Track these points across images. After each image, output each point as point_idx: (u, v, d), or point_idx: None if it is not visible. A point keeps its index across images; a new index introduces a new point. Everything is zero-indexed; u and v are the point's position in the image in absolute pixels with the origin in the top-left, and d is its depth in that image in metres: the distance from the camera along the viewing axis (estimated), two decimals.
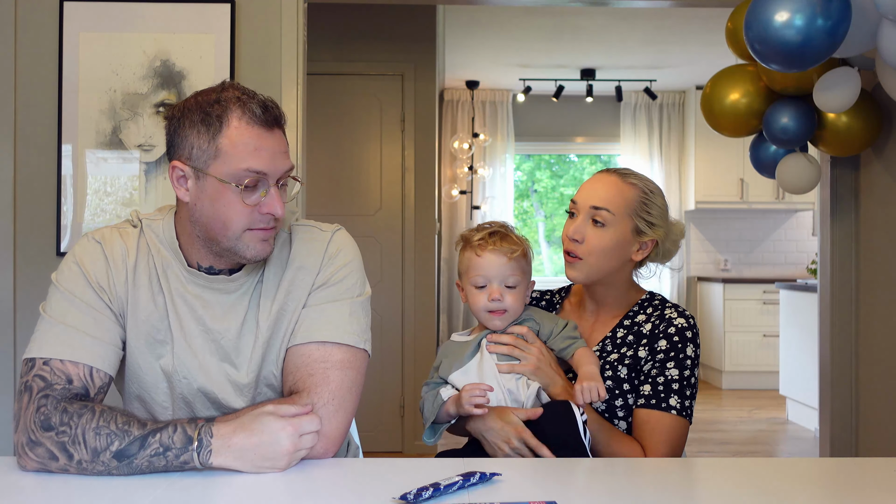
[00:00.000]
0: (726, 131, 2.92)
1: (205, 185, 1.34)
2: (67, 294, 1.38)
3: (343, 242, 1.51)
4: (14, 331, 2.66)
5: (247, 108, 1.33)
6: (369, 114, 4.58)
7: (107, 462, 1.24)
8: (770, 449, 4.87)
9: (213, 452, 1.24)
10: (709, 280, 6.96)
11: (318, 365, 1.40)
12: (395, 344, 4.57)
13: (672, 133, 7.21)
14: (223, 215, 1.34)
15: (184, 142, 1.35)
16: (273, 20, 2.71)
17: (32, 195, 2.68)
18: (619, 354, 1.63)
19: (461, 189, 6.97)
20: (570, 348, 1.58)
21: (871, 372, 2.88)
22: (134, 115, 2.66)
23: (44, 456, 1.25)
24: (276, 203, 1.35)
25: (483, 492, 1.18)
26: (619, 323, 1.68)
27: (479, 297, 1.58)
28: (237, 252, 1.37)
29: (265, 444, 1.25)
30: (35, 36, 2.67)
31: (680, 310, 1.65)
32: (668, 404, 1.56)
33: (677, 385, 1.57)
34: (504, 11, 5.02)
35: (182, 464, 1.25)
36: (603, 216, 1.62)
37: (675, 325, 1.60)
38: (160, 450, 1.24)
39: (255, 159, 1.33)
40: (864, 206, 2.93)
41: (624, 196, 1.63)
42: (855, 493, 1.25)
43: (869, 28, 2.14)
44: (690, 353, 1.59)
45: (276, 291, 1.45)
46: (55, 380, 1.31)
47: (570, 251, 1.65)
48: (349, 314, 1.44)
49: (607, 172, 1.68)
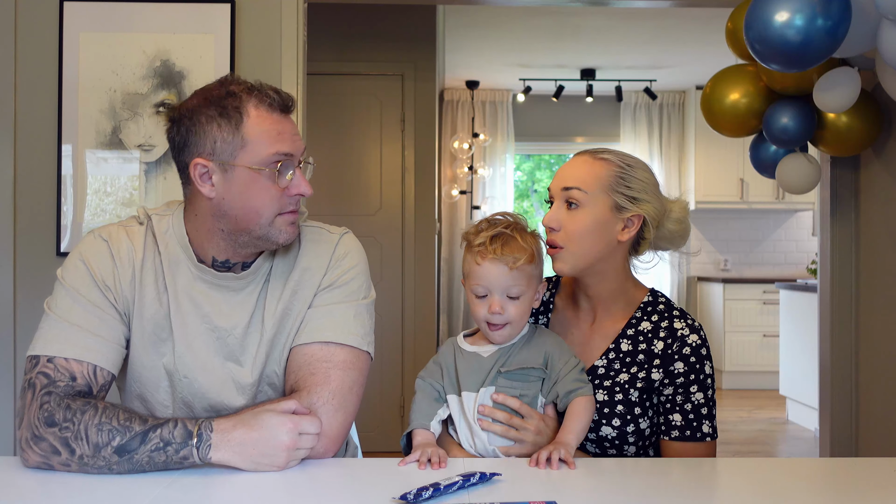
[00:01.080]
0: (726, 131, 2.92)
1: (233, 176, 1.36)
2: (73, 292, 1.38)
3: (351, 246, 1.52)
4: (14, 330, 2.66)
5: (263, 96, 1.36)
6: (369, 114, 4.58)
7: (108, 457, 1.24)
8: (770, 449, 4.87)
9: (212, 447, 1.25)
10: (709, 280, 6.96)
11: (321, 364, 1.40)
12: (395, 344, 4.57)
13: (672, 133, 7.21)
14: (256, 203, 1.36)
15: (203, 139, 1.36)
16: (273, 20, 2.70)
17: (32, 195, 2.68)
18: (629, 375, 1.53)
19: (461, 189, 6.97)
20: (573, 394, 1.43)
21: (871, 372, 2.88)
22: (134, 115, 2.66)
23: (47, 451, 1.26)
24: (303, 183, 1.39)
25: (483, 492, 1.18)
26: (622, 332, 1.57)
27: (479, 307, 1.45)
28: (269, 238, 1.39)
29: (264, 440, 1.25)
30: (35, 36, 2.67)
31: (689, 321, 1.55)
32: (702, 432, 1.50)
33: (705, 409, 1.50)
34: (504, 11, 5.02)
35: (182, 459, 1.25)
36: (574, 196, 1.52)
37: (689, 343, 1.51)
38: (160, 444, 1.24)
39: (281, 143, 1.36)
40: (864, 206, 2.93)
41: (595, 173, 1.53)
42: (855, 493, 1.25)
43: (869, 28, 2.14)
44: (708, 370, 1.52)
45: (282, 290, 1.45)
46: (59, 377, 1.32)
47: (549, 242, 1.54)
48: (354, 316, 1.45)
49: (580, 153, 1.59)
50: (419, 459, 1.33)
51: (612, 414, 1.50)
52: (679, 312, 1.57)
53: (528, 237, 1.46)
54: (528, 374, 1.45)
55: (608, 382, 1.53)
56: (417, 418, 1.46)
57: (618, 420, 1.50)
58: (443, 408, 1.48)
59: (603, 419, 1.50)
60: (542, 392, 1.46)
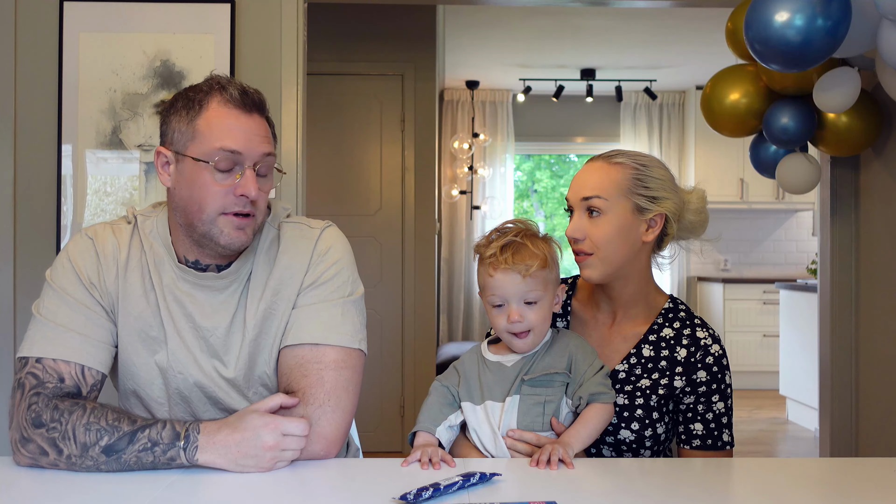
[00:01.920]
0: (726, 131, 2.92)
1: (183, 166, 1.36)
2: (59, 291, 1.39)
3: (332, 240, 1.49)
4: (14, 330, 2.66)
5: (226, 92, 1.36)
6: (369, 114, 4.58)
7: (95, 457, 1.25)
8: (770, 449, 4.87)
9: (199, 449, 1.25)
10: (709, 280, 6.96)
11: (312, 366, 1.39)
12: (395, 344, 4.57)
13: (672, 133, 7.21)
14: (199, 196, 1.35)
15: (168, 128, 1.38)
16: (273, 20, 2.70)
17: (32, 195, 2.68)
18: (651, 381, 1.53)
19: (461, 189, 6.97)
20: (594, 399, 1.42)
21: (871, 372, 2.88)
22: (134, 115, 2.66)
23: (35, 452, 1.27)
24: (250, 185, 1.34)
25: (483, 492, 1.18)
26: (644, 338, 1.57)
27: (499, 318, 1.44)
28: (212, 237, 1.36)
29: (247, 441, 1.25)
30: (35, 36, 2.67)
31: (710, 331, 1.56)
32: (723, 440, 1.52)
33: (726, 419, 1.53)
34: (504, 11, 5.02)
35: (169, 460, 1.25)
36: (596, 204, 1.51)
37: (712, 353, 1.53)
38: (148, 445, 1.25)
39: (230, 138, 1.34)
40: (864, 206, 2.93)
41: (612, 178, 1.52)
42: (855, 493, 1.25)
43: (869, 28, 2.14)
44: (728, 380, 1.55)
45: (263, 290, 1.44)
46: (47, 378, 1.33)
47: (577, 251, 1.54)
48: (341, 315, 1.43)
49: (593, 160, 1.58)
50: (420, 459, 1.33)
51: (631, 418, 1.50)
52: (700, 321, 1.59)
53: (539, 242, 1.44)
54: (552, 380, 1.44)
55: (629, 387, 1.53)
56: (424, 421, 1.45)
57: (637, 424, 1.50)
58: (455, 413, 1.47)
59: (622, 423, 1.50)
60: (566, 394, 1.45)
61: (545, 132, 7.36)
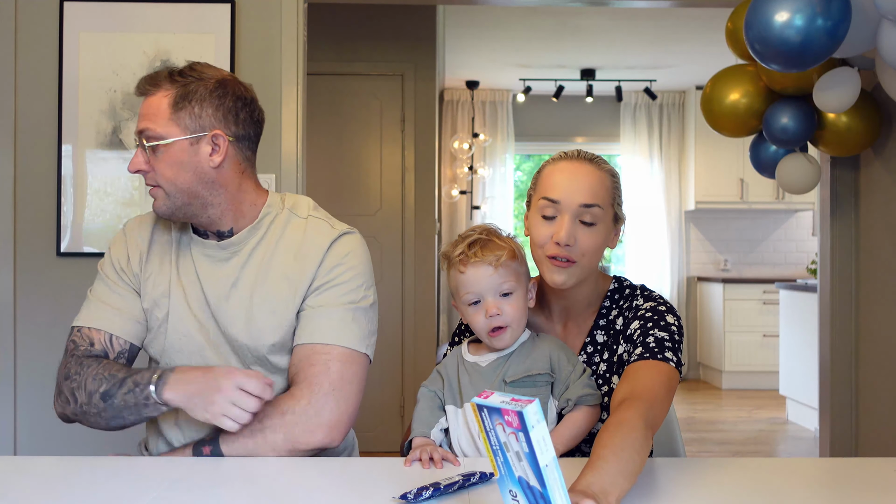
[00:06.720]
0: (726, 131, 2.92)
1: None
2: (102, 275, 1.60)
3: (353, 245, 1.55)
4: (14, 331, 2.66)
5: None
6: (369, 114, 4.58)
7: (97, 404, 1.40)
8: (770, 449, 4.87)
9: (166, 385, 1.35)
10: (709, 280, 6.96)
11: (320, 357, 1.45)
12: (395, 344, 4.57)
13: (672, 133, 7.22)
14: None
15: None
16: (273, 20, 2.70)
17: (32, 195, 2.68)
18: (607, 364, 1.51)
19: (461, 189, 6.97)
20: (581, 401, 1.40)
21: (871, 372, 2.88)
22: (134, 115, 2.66)
23: (63, 402, 1.45)
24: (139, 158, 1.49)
25: (483, 492, 1.18)
26: (595, 324, 1.55)
27: (477, 317, 1.43)
28: None
29: (205, 382, 1.33)
30: (35, 36, 2.67)
31: (647, 293, 1.52)
32: (665, 356, 1.39)
33: (669, 343, 1.41)
34: (504, 11, 5.02)
35: (146, 399, 1.36)
36: (594, 214, 1.45)
37: (644, 307, 1.48)
38: (132, 387, 1.38)
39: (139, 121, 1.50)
40: (864, 206, 2.93)
41: (605, 186, 1.47)
42: (855, 493, 1.25)
43: (869, 28, 2.14)
44: (672, 321, 1.45)
45: (262, 266, 1.51)
46: (81, 342, 1.52)
47: (558, 255, 1.45)
48: (351, 319, 1.48)
49: (578, 162, 1.49)
50: (421, 458, 1.33)
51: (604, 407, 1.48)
52: (642, 290, 1.55)
53: (504, 237, 1.47)
54: (535, 381, 1.44)
55: (593, 377, 1.50)
56: (418, 427, 1.45)
57: (606, 413, 1.46)
58: (443, 417, 1.47)
59: None
60: (552, 395, 1.44)
61: (545, 132, 7.36)
